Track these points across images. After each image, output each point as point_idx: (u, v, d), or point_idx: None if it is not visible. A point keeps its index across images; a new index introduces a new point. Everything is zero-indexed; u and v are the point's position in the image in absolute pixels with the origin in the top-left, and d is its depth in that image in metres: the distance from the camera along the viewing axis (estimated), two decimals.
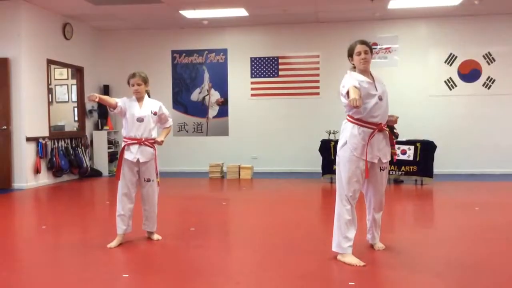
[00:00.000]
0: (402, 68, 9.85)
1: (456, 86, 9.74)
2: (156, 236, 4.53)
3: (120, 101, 4.33)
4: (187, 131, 10.60)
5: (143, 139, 4.31)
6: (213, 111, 10.53)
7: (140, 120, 4.29)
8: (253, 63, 10.32)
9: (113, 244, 4.23)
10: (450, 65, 9.74)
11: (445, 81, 9.76)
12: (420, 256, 3.92)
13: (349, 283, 3.25)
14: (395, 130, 8.62)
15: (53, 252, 4.12)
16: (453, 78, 9.74)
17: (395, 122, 3.93)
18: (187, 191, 8.05)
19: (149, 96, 4.47)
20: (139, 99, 4.37)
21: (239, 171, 9.37)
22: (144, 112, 4.33)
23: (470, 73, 9.68)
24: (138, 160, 4.30)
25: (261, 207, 6.54)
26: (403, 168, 8.05)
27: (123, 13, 9.11)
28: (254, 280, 3.40)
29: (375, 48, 9.72)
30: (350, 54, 3.83)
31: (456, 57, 9.70)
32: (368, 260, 3.73)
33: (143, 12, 9.06)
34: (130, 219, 4.36)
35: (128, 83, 4.38)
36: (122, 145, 4.36)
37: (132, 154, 4.29)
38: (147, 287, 3.28)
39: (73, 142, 9.49)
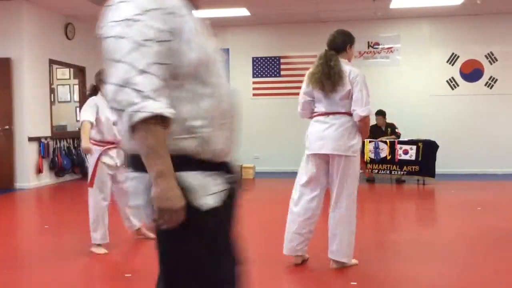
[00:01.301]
0: (404, 67, 9.83)
1: (458, 85, 9.72)
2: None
3: (91, 116, 4.03)
4: None
5: (119, 142, 4.23)
6: None
7: (116, 123, 4.21)
8: (255, 63, 10.32)
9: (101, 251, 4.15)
10: (452, 64, 9.72)
11: (447, 81, 9.75)
12: (422, 256, 3.92)
13: (351, 283, 3.25)
14: (396, 130, 8.64)
15: (56, 252, 4.13)
16: (455, 77, 9.72)
17: None
18: None
19: None
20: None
21: (241, 171, 9.37)
22: None
23: (472, 72, 9.66)
24: (117, 165, 4.15)
25: (263, 206, 6.54)
26: (405, 168, 8.03)
27: None
28: (256, 280, 3.40)
29: (377, 48, 9.72)
30: (352, 44, 3.63)
31: (458, 56, 9.69)
32: (370, 259, 3.73)
33: None
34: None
35: (102, 81, 4.04)
36: (99, 150, 4.09)
37: (112, 159, 4.14)
38: (149, 286, 3.29)
39: (75, 142, 9.50)
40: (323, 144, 3.51)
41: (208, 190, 1.40)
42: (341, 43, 3.58)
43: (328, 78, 3.44)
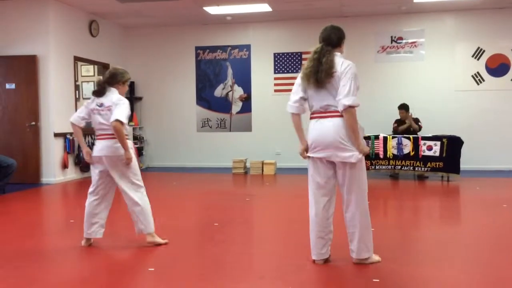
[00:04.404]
0: (428, 62, 9.69)
1: (483, 80, 9.54)
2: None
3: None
4: (211, 127, 10.66)
5: None
6: (236, 106, 10.56)
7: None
8: (276, 59, 10.30)
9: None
10: (478, 59, 9.54)
11: (472, 76, 9.58)
12: (445, 253, 3.87)
13: (374, 280, 3.23)
14: (419, 123, 8.57)
15: (80, 246, 4.20)
16: (480, 72, 9.54)
17: None
18: (211, 186, 8.10)
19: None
20: None
21: (263, 167, 9.39)
22: None
23: (498, 67, 9.47)
24: None
25: (284, 202, 6.55)
26: (429, 164, 7.93)
27: (148, 10, 9.20)
28: (278, 274, 3.41)
29: (400, 42, 9.59)
30: (344, 39, 3.61)
31: (484, 51, 9.50)
32: (392, 257, 3.70)
33: (168, 9, 9.13)
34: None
35: (128, 81, 4.35)
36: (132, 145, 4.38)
37: None
38: (172, 280, 3.33)
39: None
40: (326, 148, 3.44)
41: None
42: (337, 40, 3.56)
43: (317, 74, 3.40)
